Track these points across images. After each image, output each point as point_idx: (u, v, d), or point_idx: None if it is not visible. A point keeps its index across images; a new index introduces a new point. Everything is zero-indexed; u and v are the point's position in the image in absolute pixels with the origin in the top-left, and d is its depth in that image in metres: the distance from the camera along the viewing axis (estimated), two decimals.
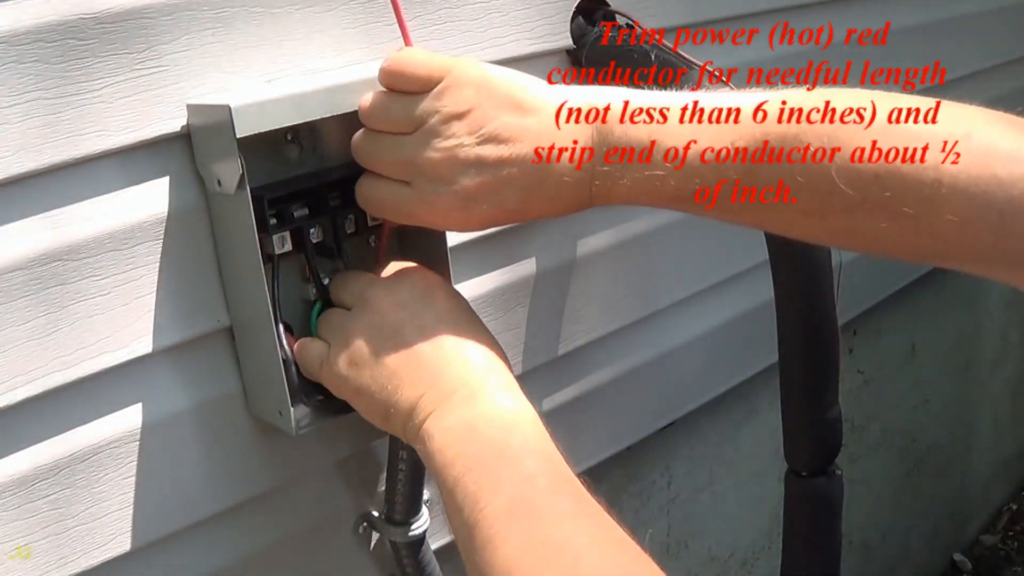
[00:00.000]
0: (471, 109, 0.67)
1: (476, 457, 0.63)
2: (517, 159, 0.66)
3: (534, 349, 1.01)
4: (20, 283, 0.66)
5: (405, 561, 0.93)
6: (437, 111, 0.67)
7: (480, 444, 0.64)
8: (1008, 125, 0.58)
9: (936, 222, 0.57)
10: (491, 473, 0.62)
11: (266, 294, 0.71)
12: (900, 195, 0.57)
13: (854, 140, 0.58)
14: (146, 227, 0.71)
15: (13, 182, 0.65)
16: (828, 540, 0.98)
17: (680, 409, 1.26)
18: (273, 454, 0.82)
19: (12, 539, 0.68)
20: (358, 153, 0.72)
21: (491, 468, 0.62)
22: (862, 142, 0.58)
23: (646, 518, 1.32)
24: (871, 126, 0.58)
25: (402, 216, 0.72)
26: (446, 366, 0.68)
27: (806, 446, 0.95)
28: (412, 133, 0.68)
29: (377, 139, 0.71)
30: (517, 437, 0.64)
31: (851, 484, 0.98)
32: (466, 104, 0.67)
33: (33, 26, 0.64)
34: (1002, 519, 2.44)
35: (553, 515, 0.60)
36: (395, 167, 0.70)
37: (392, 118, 0.69)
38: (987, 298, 2.11)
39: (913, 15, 1.48)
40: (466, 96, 0.67)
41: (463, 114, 0.67)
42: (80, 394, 0.70)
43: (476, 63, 0.70)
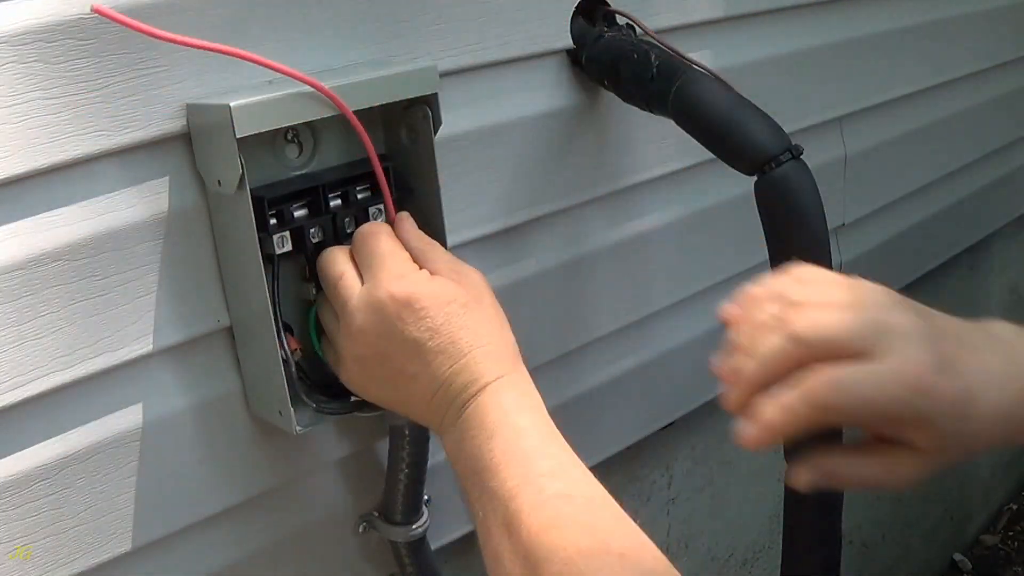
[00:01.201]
0: None
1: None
2: None
3: (534, 349, 1.01)
4: (20, 283, 0.66)
5: (405, 561, 0.93)
6: None
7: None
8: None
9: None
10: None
11: (266, 294, 0.71)
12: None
13: None
14: (146, 227, 0.71)
15: (13, 182, 0.65)
16: (828, 540, 0.97)
17: (680, 409, 1.25)
18: (273, 454, 0.82)
19: (12, 539, 0.68)
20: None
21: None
22: None
23: (646, 518, 1.32)
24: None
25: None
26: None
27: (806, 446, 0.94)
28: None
29: None
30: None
31: None
32: None
33: (33, 26, 0.64)
34: (1002, 519, 2.44)
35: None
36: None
37: None
38: (987, 299, 2.11)
39: (913, 15, 1.48)
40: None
41: None
42: (80, 394, 0.70)
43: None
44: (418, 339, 0.68)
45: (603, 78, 0.96)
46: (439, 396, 0.69)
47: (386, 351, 0.69)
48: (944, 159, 1.66)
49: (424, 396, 0.69)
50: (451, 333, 0.68)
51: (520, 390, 0.68)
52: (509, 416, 0.66)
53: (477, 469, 0.65)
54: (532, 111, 0.95)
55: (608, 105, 1.01)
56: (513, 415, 0.66)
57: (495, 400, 0.67)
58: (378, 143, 0.82)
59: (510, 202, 0.95)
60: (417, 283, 0.69)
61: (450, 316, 0.68)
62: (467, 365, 0.68)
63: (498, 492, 0.62)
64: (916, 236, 1.63)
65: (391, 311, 0.68)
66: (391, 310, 0.68)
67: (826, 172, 1.31)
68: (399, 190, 0.80)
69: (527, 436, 0.65)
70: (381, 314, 0.68)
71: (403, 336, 0.68)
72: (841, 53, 1.35)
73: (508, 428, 0.65)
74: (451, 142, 0.87)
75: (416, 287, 0.68)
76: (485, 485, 0.63)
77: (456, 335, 0.68)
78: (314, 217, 0.76)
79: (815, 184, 0.87)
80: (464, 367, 0.68)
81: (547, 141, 0.97)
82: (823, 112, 1.34)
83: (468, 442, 0.66)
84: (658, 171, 1.09)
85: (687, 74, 0.89)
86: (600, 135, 1.02)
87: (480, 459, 0.65)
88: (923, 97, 1.54)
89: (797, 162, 0.85)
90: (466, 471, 0.66)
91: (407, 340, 0.68)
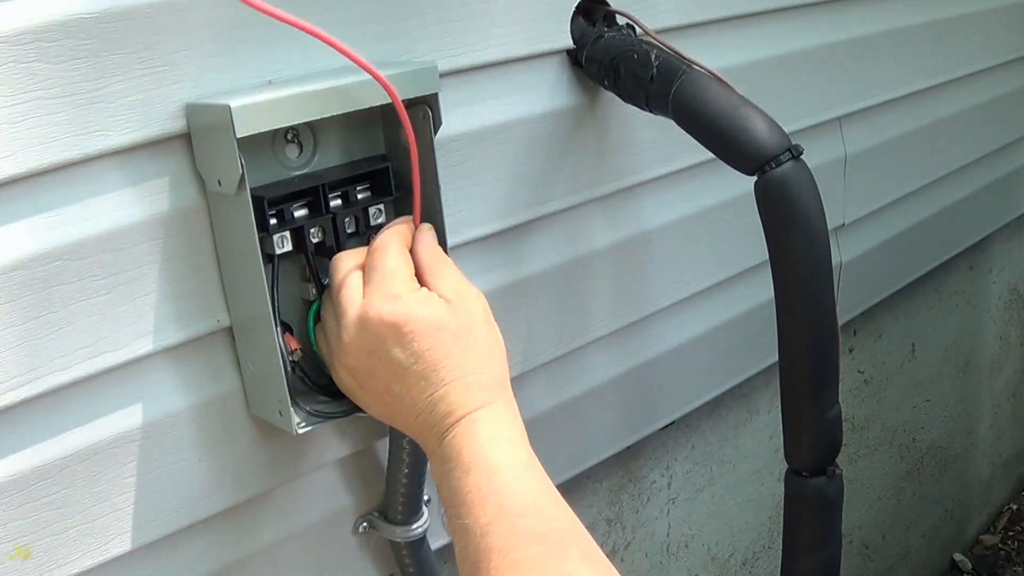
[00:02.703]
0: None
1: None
2: None
3: (534, 349, 1.01)
4: (20, 283, 0.66)
5: (405, 561, 0.93)
6: None
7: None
8: None
9: None
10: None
11: (266, 294, 0.71)
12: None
13: None
14: (146, 227, 0.71)
15: (13, 182, 0.65)
16: (828, 540, 0.98)
17: (680, 409, 1.26)
18: (273, 454, 0.82)
19: (12, 539, 0.68)
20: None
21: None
22: None
23: (646, 518, 1.32)
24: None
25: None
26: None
27: (806, 446, 0.94)
28: None
29: None
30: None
31: (851, 484, 0.98)
32: None
33: (33, 26, 0.64)
34: (1002, 519, 2.44)
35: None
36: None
37: None
38: (987, 298, 2.11)
39: (913, 15, 1.48)
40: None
41: None
42: (80, 394, 0.70)
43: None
44: (402, 362, 0.68)
45: (603, 78, 0.96)
46: (421, 420, 0.69)
47: (374, 368, 0.70)
48: (944, 159, 1.66)
49: (408, 417, 0.70)
50: (435, 360, 0.68)
51: (499, 422, 0.68)
52: (484, 451, 0.66)
53: (454, 503, 0.65)
54: (532, 111, 0.95)
55: (608, 105, 1.01)
56: (487, 450, 0.66)
57: (471, 433, 0.67)
58: (378, 143, 0.82)
59: (510, 202, 0.95)
60: (409, 306, 0.69)
61: (436, 343, 0.68)
62: (445, 395, 0.68)
63: (472, 529, 0.63)
64: (916, 236, 1.63)
65: (380, 331, 0.68)
66: (380, 331, 0.68)
67: (826, 172, 1.31)
68: (399, 190, 0.80)
69: (502, 472, 0.65)
70: (370, 333, 0.69)
71: (389, 357, 0.69)
72: (841, 53, 1.35)
73: (483, 464, 0.65)
74: (451, 142, 0.87)
75: (406, 310, 0.68)
76: (460, 522, 0.64)
77: (439, 363, 0.68)
78: (314, 217, 0.76)
79: (815, 184, 0.87)
80: (442, 397, 0.68)
81: (547, 141, 0.97)
82: (823, 112, 1.34)
83: (446, 475, 0.67)
84: (658, 171, 1.09)
85: (687, 74, 0.89)
86: (600, 135, 1.02)
87: (456, 494, 0.65)
88: (923, 97, 1.54)
89: (797, 162, 0.86)
90: (444, 501, 0.67)
91: (393, 361, 0.68)
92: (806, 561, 0.99)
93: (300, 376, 0.76)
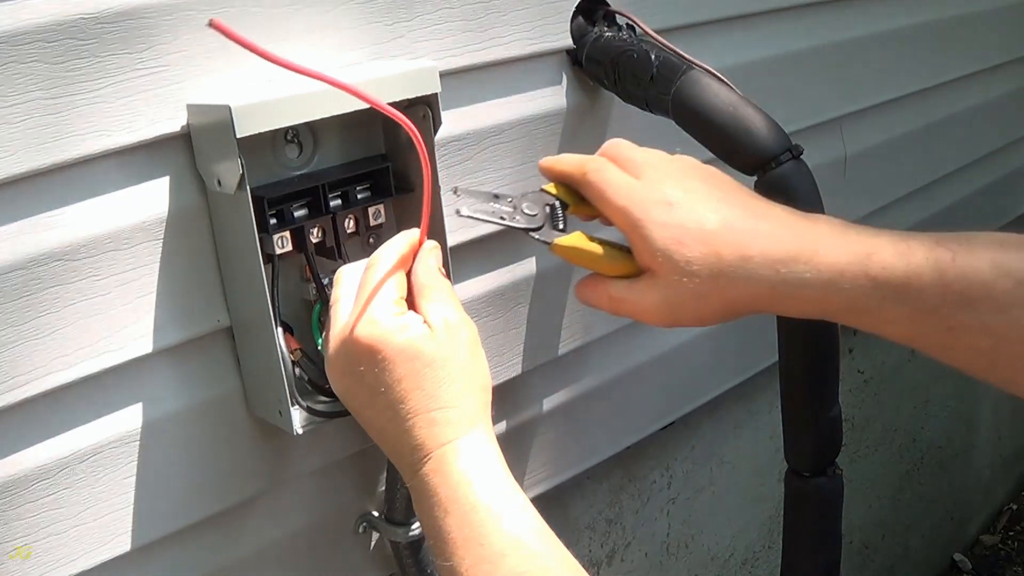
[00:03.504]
0: None
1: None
2: None
3: (534, 349, 1.01)
4: (20, 283, 0.66)
5: (405, 561, 0.93)
6: None
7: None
8: None
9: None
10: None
11: (266, 294, 0.71)
12: None
13: None
14: (146, 227, 0.71)
15: (13, 182, 0.65)
16: (828, 540, 0.98)
17: (680, 409, 1.26)
18: (273, 454, 0.82)
19: (12, 539, 0.68)
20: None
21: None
22: None
23: (646, 518, 1.32)
24: None
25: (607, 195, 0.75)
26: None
27: (806, 446, 0.94)
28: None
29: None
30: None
31: (851, 484, 0.98)
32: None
33: (33, 26, 0.64)
34: (1002, 519, 2.44)
35: None
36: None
37: None
38: None
39: (912, 15, 1.48)
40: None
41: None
42: (80, 394, 0.70)
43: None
44: (374, 387, 0.66)
45: (603, 78, 0.96)
46: (389, 449, 0.68)
47: (349, 387, 0.68)
48: (944, 159, 1.66)
49: (382, 443, 0.69)
50: (403, 392, 0.66)
51: (473, 456, 0.66)
52: (460, 490, 0.64)
53: (437, 542, 0.64)
54: (532, 111, 0.95)
55: (608, 105, 1.01)
56: (464, 488, 0.64)
57: (443, 472, 0.65)
58: (378, 143, 0.82)
59: None
60: (386, 333, 0.66)
61: (408, 373, 0.66)
62: (411, 429, 0.66)
63: (457, 571, 0.62)
64: None
65: (356, 353, 0.66)
66: (356, 352, 0.66)
67: (826, 172, 1.31)
68: (399, 190, 0.80)
69: (479, 511, 0.63)
70: (348, 353, 0.67)
71: (363, 380, 0.67)
72: (841, 53, 1.35)
73: (461, 503, 0.64)
74: (451, 142, 0.87)
75: (383, 337, 0.66)
76: (445, 563, 0.63)
77: (408, 394, 0.66)
78: (314, 217, 0.76)
79: (815, 184, 0.87)
80: (407, 430, 0.66)
81: (547, 141, 0.97)
82: (823, 112, 1.34)
83: (425, 512, 0.65)
84: None
85: (687, 74, 0.89)
86: (600, 135, 1.02)
87: (438, 533, 0.64)
88: (923, 97, 1.54)
89: (797, 162, 0.86)
90: (427, 537, 0.66)
91: (365, 385, 0.67)
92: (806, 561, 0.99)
93: (300, 376, 0.76)
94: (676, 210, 0.71)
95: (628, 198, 0.72)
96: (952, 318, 0.67)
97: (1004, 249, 0.66)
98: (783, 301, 0.70)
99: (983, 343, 0.67)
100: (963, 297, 0.66)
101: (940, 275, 0.66)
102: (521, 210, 0.74)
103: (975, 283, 0.65)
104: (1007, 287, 0.65)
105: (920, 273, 0.67)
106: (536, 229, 0.74)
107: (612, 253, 0.75)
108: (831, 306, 0.70)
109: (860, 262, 0.68)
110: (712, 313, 0.72)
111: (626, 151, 0.75)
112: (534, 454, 1.06)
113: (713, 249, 0.69)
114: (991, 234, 0.68)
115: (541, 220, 0.75)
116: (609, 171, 0.74)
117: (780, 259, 0.69)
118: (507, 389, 1.00)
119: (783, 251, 0.69)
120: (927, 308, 0.67)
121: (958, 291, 0.66)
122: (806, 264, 0.68)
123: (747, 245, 0.69)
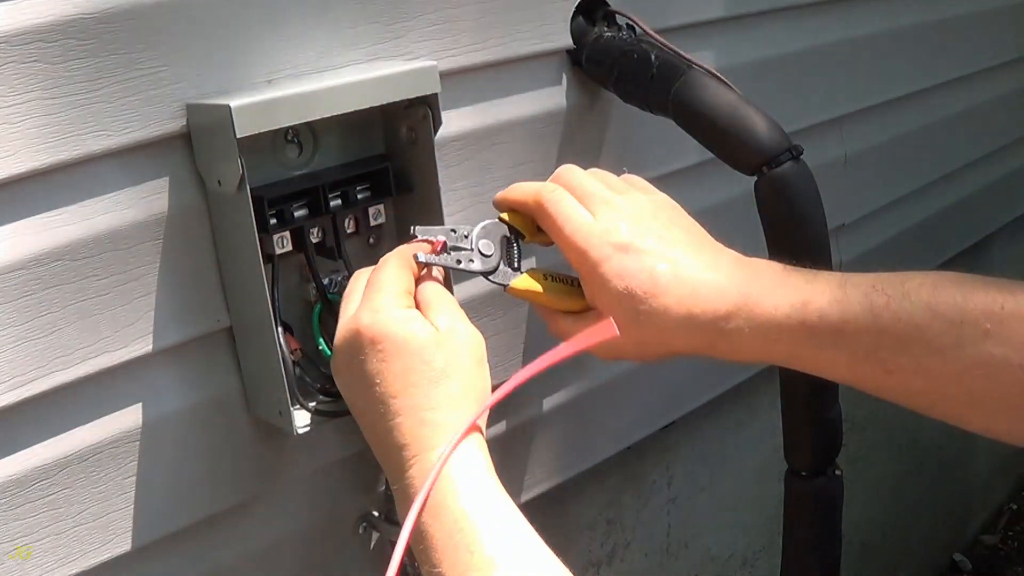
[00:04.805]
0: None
1: None
2: None
3: (534, 349, 1.01)
4: (20, 283, 0.66)
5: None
6: None
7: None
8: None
9: None
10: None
11: (266, 294, 0.71)
12: None
13: None
14: (146, 227, 0.71)
15: (13, 182, 0.65)
16: (828, 540, 0.98)
17: (680, 409, 1.25)
18: (273, 454, 0.82)
19: (12, 539, 0.68)
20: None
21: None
22: None
23: (646, 518, 1.32)
24: None
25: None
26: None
27: (806, 446, 0.95)
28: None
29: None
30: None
31: (851, 484, 0.98)
32: None
33: (33, 26, 0.64)
34: (1002, 519, 2.44)
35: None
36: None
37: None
38: None
39: (913, 15, 1.48)
40: None
41: None
42: (80, 394, 0.70)
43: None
44: (370, 377, 0.66)
45: (603, 78, 0.96)
46: (375, 445, 0.67)
47: (349, 380, 0.68)
48: (944, 159, 1.66)
49: (369, 437, 0.68)
50: (398, 387, 0.65)
51: (462, 463, 0.64)
52: (449, 497, 0.63)
53: (424, 549, 0.63)
54: (532, 111, 0.95)
55: (608, 105, 1.01)
56: (452, 496, 0.63)
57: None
58: (378, 143, 0.82)
59: None
60: (388, 322, 0.66)
61: (405, 368, 0.65)
62: (399, 425, 0.65)
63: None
64: (916, 236, 1.63)
65: (358, 342, 0.66)
66: (358, 341, 0.66)
67: (826, 172, 1.31)
68: (399, 190, 0.80)
69: (469, 518, 0.62)
70: (352, 343, 0.67)
71: (361, 369, 0.66)
72: (841, 53, 1.35)
73: (449, 511, 0.62)
74: (451, 142, 0.87)
75: (385, 326, 0.65)
76: (433, 570, 0.62)
77: (402, 390, 0.65)
78: (314, 217, 0.76)
79: (815, 184, 0.87)
80: (396, 427, 0.65)
81: (547, 141, 0.97)
82: (823, 112, 1.34)
83: (412, 517, 0.64)
84: (658, 171, 1.09)
85: (687, 74, 0.89)
86: (600, 135, 1.02)
87: (425, 539, 0.63)
88: (923, 97, 1.54)
89: (797, 162, 0.86)
90: (413, 542, 0.64)
91: (363, 374, 0.66)
92: (806, 561, 0.99)
93: (300, 376, 0.76)
94: (630, 258, 0.73)
95: (586, 240, 0.74)
96: (889, 361, 0.68)
97: (938, 290, 0.67)
98: (724, 352, 0.74)
99: (920, 384, 0.68)
100: (898, 340, 0.68)
101: (875, 319, 0.68)
102: (478, 249, 0.75)
103: (909, 326, 0.67)
104: (941, 328, 0.66)
105: (855, 319, 0.69)
106: (492, 271, 0.76)
107: (562, 290, 0.78)
108: (771, 355, 0.74)
109: (797, 312, 0.70)
110: (653, 355, 0.78)
111: (579, 179, 0.78)
112: (534, 454, 1.05)
113: (662, 304, 0.72)
114: (927, 275, 0.69)
115: (497, 259, 0.76)
116: (565, 204, 0.76)
117: (723, 315, 0.72)
118: None
119: (727, 306, 0.72)
120: (864, 352, 0.69)
121: (893, 335, 0.67)
122: (746, 319, 0.72)
123: (694, 301, 0.73)
